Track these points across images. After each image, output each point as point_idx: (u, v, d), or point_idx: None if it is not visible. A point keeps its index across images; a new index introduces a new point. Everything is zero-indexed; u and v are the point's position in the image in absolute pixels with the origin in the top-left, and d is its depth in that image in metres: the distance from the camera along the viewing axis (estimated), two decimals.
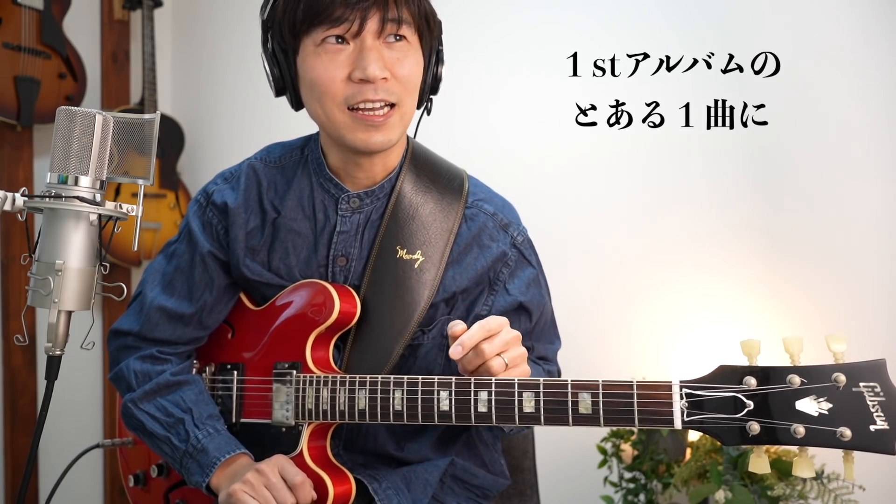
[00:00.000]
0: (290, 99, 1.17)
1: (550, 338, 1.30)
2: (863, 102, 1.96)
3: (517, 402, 0.99)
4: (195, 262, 1.23)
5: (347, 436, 1.23)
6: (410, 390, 1.06)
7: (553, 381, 0.98)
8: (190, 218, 1.27)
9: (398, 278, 1.17)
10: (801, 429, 0.84)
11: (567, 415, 0.96)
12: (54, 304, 0.85)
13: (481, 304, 1.21)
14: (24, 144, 2.72)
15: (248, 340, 1.25)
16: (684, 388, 0.90)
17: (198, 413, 1.18)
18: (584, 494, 2.15)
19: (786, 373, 0.85)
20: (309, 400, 1.13)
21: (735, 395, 0.87)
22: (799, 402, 0.84)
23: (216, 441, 1.16)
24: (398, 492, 1.18)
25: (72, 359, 1.23)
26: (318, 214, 1.21)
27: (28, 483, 0.87)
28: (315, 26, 1.07)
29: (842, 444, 0.82)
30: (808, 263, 2.01)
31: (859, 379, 0.82)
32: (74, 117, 0.85)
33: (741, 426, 0.86)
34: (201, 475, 1.14)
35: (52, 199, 0.85)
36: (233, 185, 1.25)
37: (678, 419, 0.90)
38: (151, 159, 0.90)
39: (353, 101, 1.08)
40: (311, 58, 1.09)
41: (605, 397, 0.94)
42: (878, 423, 0.81)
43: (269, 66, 1.14)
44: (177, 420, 1.18)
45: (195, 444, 1.15)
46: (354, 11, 1.05)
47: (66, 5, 2.72)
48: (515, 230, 1.23)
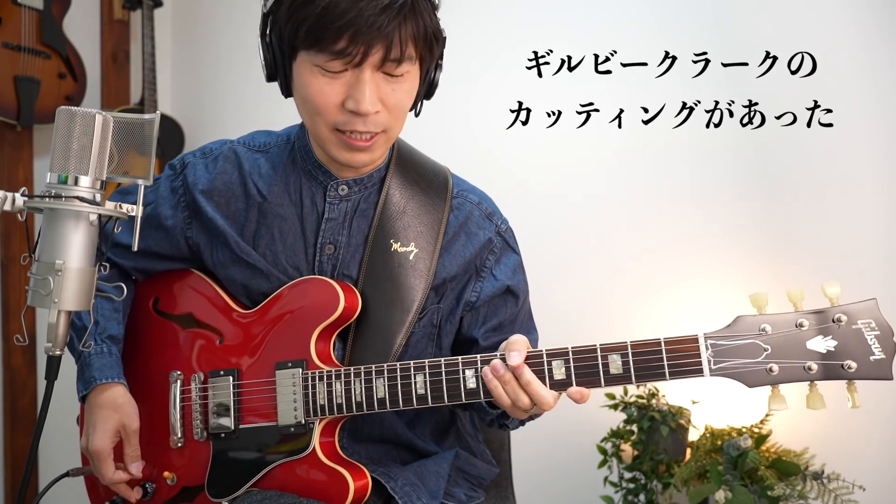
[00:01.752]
0: (281, 86, 1.16)
1: (529, 328, 1.32)
2: (863, 102, 1.96)
3: (547, 370, 1.02)
4: (145, 216, 1.25)
5: (353, 425, 1.23)
6: (433, 373, 1.08)
7: (581, 347, 1.02)
8: (162, 178, 1.29)
9: (394, 271, 1.18)
10: (813, 365, 0.94)
11: (599, 377, 1.01)
12: (54, 304, 0.85)
13: (470, 291, 1.23)
14: (24, 144, 2.72)
15: (241, 344, 1.22)
16: (709, 339, 0.98)
17: (102, 327, 1.24)
18: (584, 494, 2.15)
19: (795, 318, 0.96)
20: (321, 396, 1.13)
21: (754, 341, 0.96)
22: (809, 342, 0.94)
23: (101, 361, 1.22)
24: (414, 487, 1.19)
25: (72, 359, 1.23)
26: (305, 201, 1.21)
27: (28, 483, 0.87)
28: (315, 51, 1.04)
29: (849, 375, 0.93)
30: (808, 263, 2.01)
31: (857, 317, 0.93)
32: (74, 117, 0.85)
33: (763, 368, 0.96)
34: (82, 387, 1.22)
35: (52, 199, 0.85)
36: (207, 164, 1.26)
37: (706, 368, 0.97)
38: (151, 159, 0.90)
39: (342, 127, 1.09)
40: (306, 74, 1.07)
41: (634, 356, 1.00)
42: (876, 353, 0.92)
43: (264, 52, 1.13)
44: (81, 327, 1.24)
45: (85, 358, 1.22)
46: (358, 46, 1.01)
47: (66, 5, 2.72)
48: (499, 219, 1.26)
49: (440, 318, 1.23)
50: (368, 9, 0.99)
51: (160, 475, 1.25)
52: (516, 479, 1.48)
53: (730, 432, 1.85)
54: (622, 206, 2.27)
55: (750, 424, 1.86)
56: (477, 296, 1.23)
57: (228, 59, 3.05)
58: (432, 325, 1.23)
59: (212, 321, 1.26)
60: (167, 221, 1.26)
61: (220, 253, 1.24)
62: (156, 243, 1.28)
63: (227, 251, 1.23)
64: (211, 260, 1.26)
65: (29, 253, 0.88)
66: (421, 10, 1.04)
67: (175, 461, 1.24)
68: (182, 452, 1.24)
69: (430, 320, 1.22)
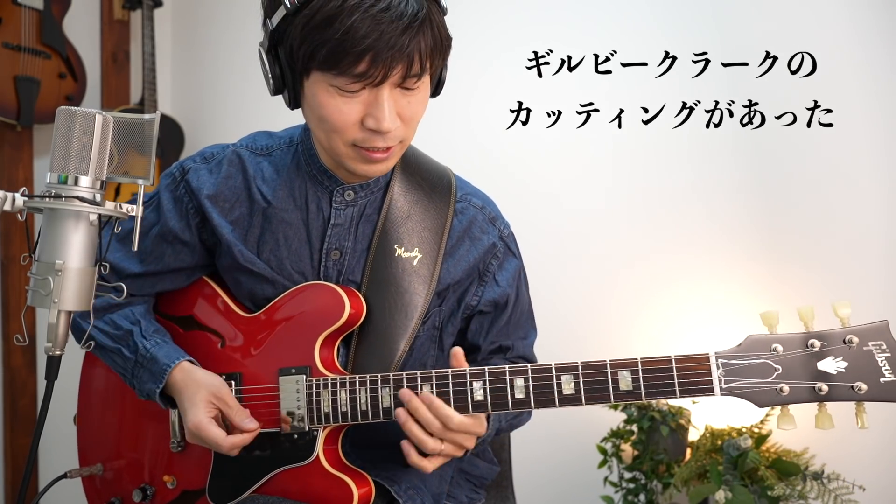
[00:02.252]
0: (289, 100, 1.11)
1: (527, 329, 1.32)
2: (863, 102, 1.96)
3: (555, 385, 1.02)
4: (152, 234, 1.22)
5: (355, 433, 1.23)
6: (440, 384, 1.07)
7: (591, 363, 1.01)
8: (161, 190, 1.23)
9: (398, 276, 1.17)
10: (824, 386, 0.94)
11: (608, 393, 1.01)
12: (54, 304, 0.85)
13: (471, 295, 1.23)
14: (24, 144, 2.72)
15: (243, 348, 1.21)
16: (720, 358, 0.97)
17: (146, 325, 1.20)
18: (584, 494, 2.15)
19: (806, 338, 0.95)
20: (325, 403, 1.12)
21: (765, 361, 0.96)
22: (820, 363, 0.94)
23: (164, 349, 1.18)
24: (418, 490, 1.19)
25: (72, 359, 1.23)
26: (311, 206, 1.19)
27: (28, 483, 0.86)
28: (334, 74, 1.00)
29: (859, 396, 0.93)
30: (808, 263, 2.01)
31: (868, 339, 0.93)
32: (74, 117, 0.85)
33: (773, 388, 0.95)
34: (154, 382, 1.16)
35: (52, 199, 0.85)
36: (211, 168, 1.22)
37: (717, 387, 0.97)
38: (151, 159, 0.90)
39: (361, 144, 1.06)
40: (322, 94, 1.03)
41: (644, 373, 0.99)
42: (887, 375, 0.92)
43: (270, 66, 1.07)
44: (126, 332, 1.19)
45: (144, 354, 1.17)
46: (378, 69, 0.98)
47: (66, 5, 2.72)
48: (501, 223, 1.26)
49: (442, 321, 1.23)
50: (389, 31, 0.96)
51: (160, 479, 1.25)
52: (516, 479, 1.48)
53: (730, 432, 1.85)
54: (622, 206, 2.27)
55: (750, 424, 1.86)
56: (478, 300, 1.23)
57: (228, 59, 3.04)
58: (435, 327, 1.22)
59: (213, 324, 1.25)
60: (182, 235, 1.22)
61: (224, 259, 1.23)
62: (176, 258, 1.24)
63: (230, 259, 1.21)
64: (217, 263, 1.25)
65: (29, 253, 0.88)
66: (434, 21, 1.01)
67: (175, 465, 1.23)
68: (182, 456, 1.23)
69: (432, 323, 1.22)
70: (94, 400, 1.35)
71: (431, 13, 1.01)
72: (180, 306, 1.30)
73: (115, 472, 1.29)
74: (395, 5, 0.96)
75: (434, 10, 1.02)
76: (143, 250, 1.23)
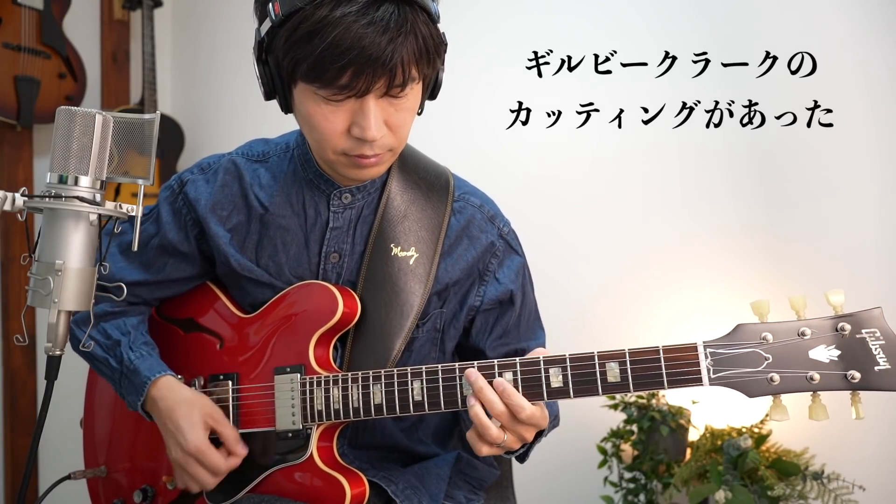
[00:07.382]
0: (281, 104, 1.12)
1: (535, 330, 1.31)
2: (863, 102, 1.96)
3: (544, 378, 1.01)
4: (152, 245, 1.23)
5: (353, 433, 1.23)
6: (430, 379, 1.06)
7: (579, 355, 1.00)
8: (161, 203, 1.25)
9: (394, 276, 1.17)
10: (816, 375, 0.91)
11: (596, 385, 0.99)
12: (54, 304, 0.85)
13: (473, 296, 1.22)
14: (24, 144, 2.72)
15: (241, 349, 1.22)
16: (708, 347, 0.95)
17: (135, 336, 1.22)
18: (584, 494, 2.15)
19: (797, 327, 0.93)
20: (318, 401, 1.12)
21: (755, 350, 0.94)
22: (811, 351, 0.92)
23: (147, 362, 1.19)
24: (415, 490, 1.19)
25: (72, 359, 1.23)
26: (309, 211, 1.20)
27: (28, 483, 0.86)
28: (318, 86, 1.01)
29: (853, 385, 0.90)
30: (808, 263, 2.01)
31: (861, 326, 0.91)
32: (74, 117, 0.85)
33: (764, 378, 0.93)
34: (135, 394, 1.18)
35: (52, 199, 0.85)
36: (208, 178, 1.23)
37: (706, 377, 0.95)
38: (151, 159, 0.90)
39: (350, 152, 1.07)
40: (308, 102, 1.04)
41: (632, 364, 0.98)
42: (881, 363, 0.89)
43: (261, 73, 1.08)
44: (114, 342, 1.21)
45: (128, 365, 1.19)
46: (362, 81, 0.98)
47: (66, 5, 2.72)
48: (501, 221, 1.25)
49: (443, 323, 1.22)
50: (372, 46, 0.95)
51: (159, 479, 1.25)
52: (517, 479, 1.48)
53: (730, 432, 1.85)
54: (622, 206, 2.27)
55: (750, 424, 1.86)
56: (481, 300, 1.22)
57: (228, 59, 3.04)
58: (435, 329, 1.22)
59: (213, 325, 1.26)
60: (181, 246, 1.23)
61: (222, 268, 1.24)
62: (176, 269, 1.26)
63: (228, 268, 1.23)
64: (217, 271, 1.27)
65: (29, 253, 0.88)
66: (419, 31, 0.99)
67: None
68: None
69: (433, 325, 1.21)
70: (99, 403, 1.36)
71: (417, 23, 0.99)
72: (181, 308, 1.31)
73: (118, 473, 1.30)
74: (378, 19, 0.95)
75: (419, 20, 1.00)
76: (144, 261, 1.24)
